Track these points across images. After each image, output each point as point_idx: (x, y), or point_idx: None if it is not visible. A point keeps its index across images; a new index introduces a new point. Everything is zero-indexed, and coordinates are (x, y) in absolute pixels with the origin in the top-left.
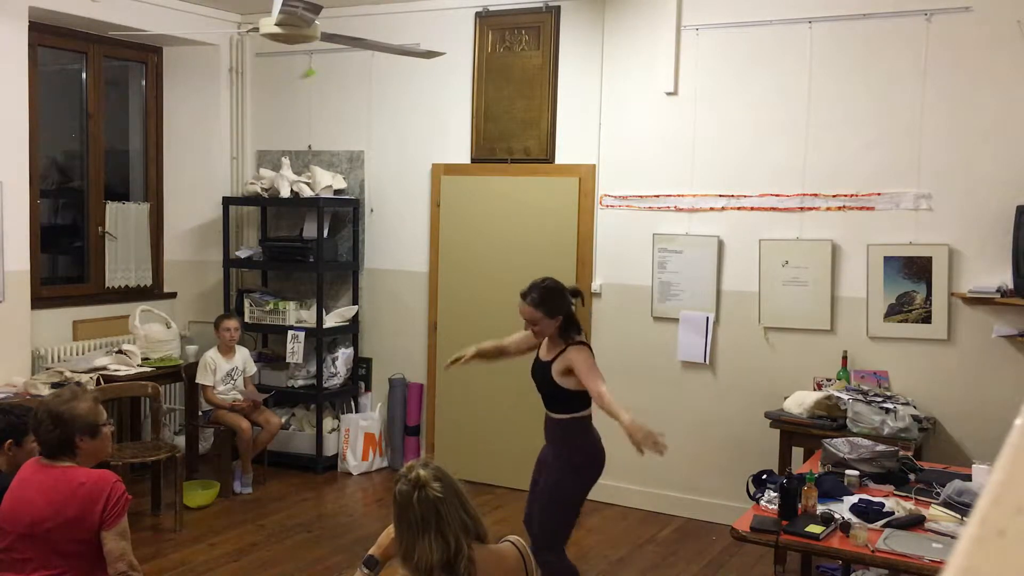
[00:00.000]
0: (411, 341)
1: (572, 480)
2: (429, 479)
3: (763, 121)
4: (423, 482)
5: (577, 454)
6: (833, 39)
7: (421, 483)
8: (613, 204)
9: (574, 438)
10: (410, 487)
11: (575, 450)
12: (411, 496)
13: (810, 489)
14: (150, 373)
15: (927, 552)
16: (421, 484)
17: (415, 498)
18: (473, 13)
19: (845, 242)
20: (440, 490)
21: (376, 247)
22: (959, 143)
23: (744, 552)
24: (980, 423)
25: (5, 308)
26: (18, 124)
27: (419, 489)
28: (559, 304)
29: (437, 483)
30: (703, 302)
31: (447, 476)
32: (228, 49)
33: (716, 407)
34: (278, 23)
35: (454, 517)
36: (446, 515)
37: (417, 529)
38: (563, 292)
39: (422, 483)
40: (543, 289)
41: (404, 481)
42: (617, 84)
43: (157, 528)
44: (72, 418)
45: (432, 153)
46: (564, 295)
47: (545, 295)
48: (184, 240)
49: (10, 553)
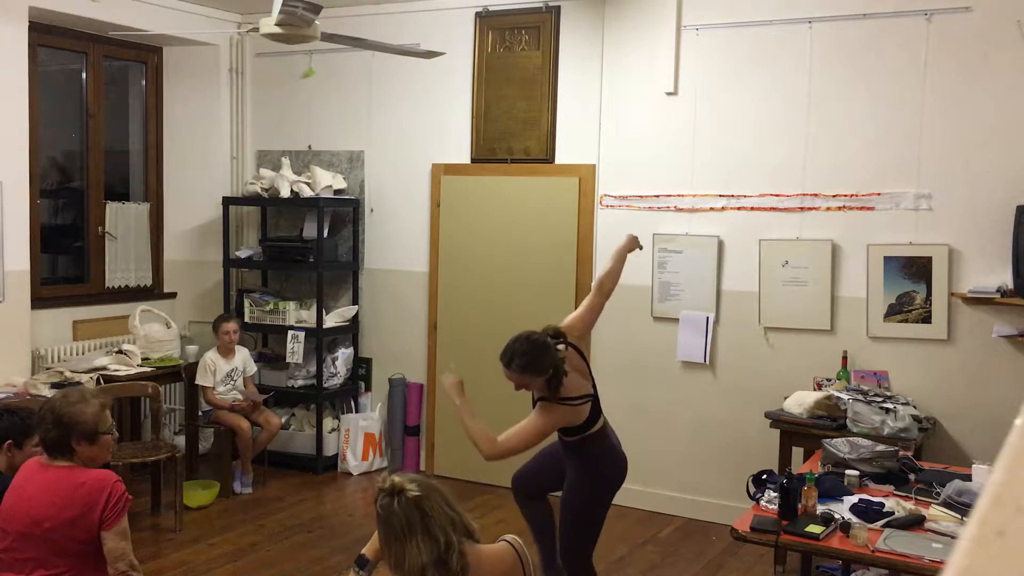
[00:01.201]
0: (411, 341)
1: (590, 490)
2: (405, 482)
3: (763, 121)
4: (399, 487)
5: (594, 466)
6: (833, 39)
7: (398, 489)
8: (613, 204)
9: (588, 455)
10: (388, 496)
11: (591, 463)
12: (391, 504)
13: (810, 489)
14: (150, 373)
15: (927, 552)
16: (398, 490)
17: (396, 504)
18: (473, 13)
19: (845, 242)
20: (418, 489)
21: (376, 247)
22: (959, 143)
23: (744, 552)
24: (980, 423)
25: (5, 308)
26: (18, 124)
27: (398, 495)
28: (545, 362)
29: (413, 484)
30: (703, 302)
31: (423, 479)
32: (228, 49)
33: (716, 407)
34: (278, 23)
35: (439, 513)
36: (430, 512)
37: (404, 535)
38: (546, 347)
39: (398, 488)
40: (525, 355)
41: (382, 494)
42: (617, 84)
43: (157, 528)
44: (73, 422)
45: (432, 153)
46: (548, 350)
47: (529, 361)
48: (184, 240)
49: (11, 552)
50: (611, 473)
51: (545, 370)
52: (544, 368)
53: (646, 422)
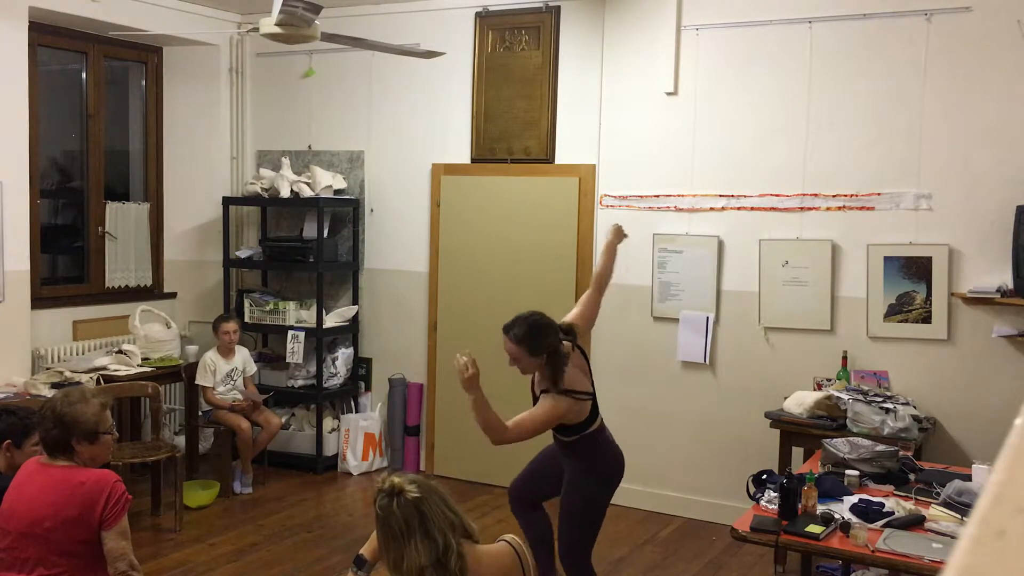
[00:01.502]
0: (411, 341)
1: (589, 490)
2: (404, 483)
3: (763, 121)
4: (398, 488)
5: (592, 465)
6: (833, 39)
7: (397, 489)
8: (613, 204)
9: (586, 454)
10: (387, 496)
11: (590, 462)
12: (390, 504)
13: (810, 489)
14: (150, 373)
15: (927, 552)
16: (397, 490)
17: (394, 505)
18: (473, 13)
19: (845, 242)
20: (417, 491)
21: (376, 247)
22: (959, 143)
23: (744, 552)
24: (980, 423)
25: (5, 308)
26: (18, 124)
27: (396, 496)
28: (543, 342)
29: (412, 485)
30: (703, 302)
31: (423, 479)
32: (228, 49)
33: (716, 407)
34: (278, 23)
35: (437, 514)
36: (429, 513)
37: (403, 536)
38: (549, 329)
39: (398, 489)
40: (527, 326)
41: (381, 494)
42: (617, 84)
43: (157, 528)
44: (73, 421)
45: (432, 153)
46: (550, 333)
47: (527, 333)
48: (184, 240)
49: (11, 552)
50: (609, 471)
51: (540, 351)
52: (539, 348)
53: (646, 422)
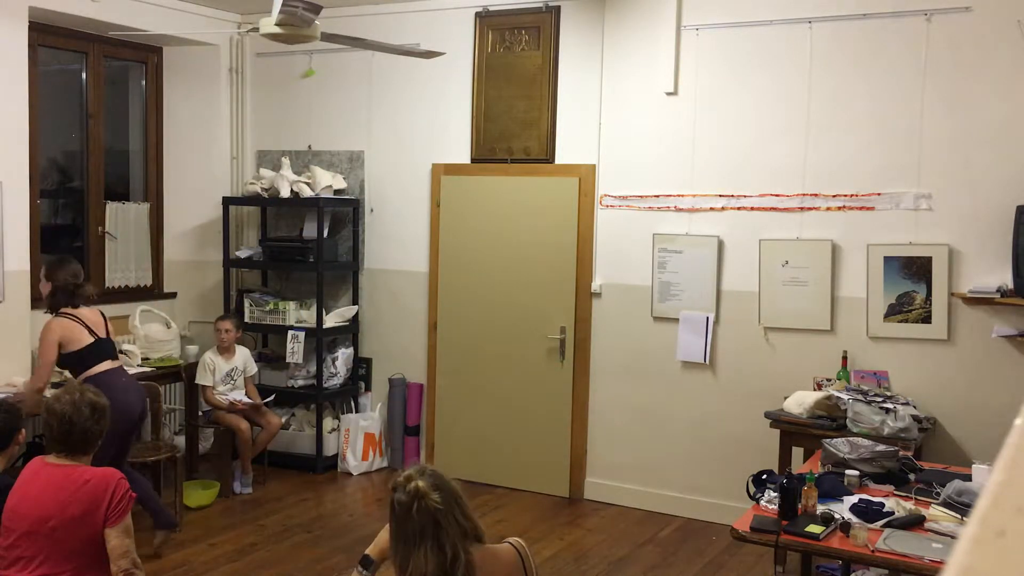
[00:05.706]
0: (411, 341)
1: None
2: (428, 490)
3: (763, 121)
4: (422, 493)
5: None
6: (833, 39)
7: (420, 494)
8: (613, 204)
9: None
10: (409, 498)
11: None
12: (410, 507)
13: (810, 489)
14: (150, 373)
15: (927, 552)
16: (420, 495)
17: (414, 509)
18: (473, 13)
19: (845, 242)
20: (440, 501)
21: (376, 247)
22: (959, 143)
23: (744, 552)
24: (980, 423)
25: (5, 308)
26: (18, 124)
27: (418, 500)
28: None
29: (436, 493)
30: (703, 302)
31: (445, 483)
32: (228, 49)
33: (716, 407)
34: (278, 23)
35: (452, 525)
36: (445, 524)
37: (414, 540)
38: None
39: (421, 494)
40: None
41: (402, 492)
42: (617, 84)
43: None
44: (75, 421)
45: (432, 153)
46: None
47: None
48: (184, 240)
49: (15, 550)
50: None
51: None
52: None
53: (646, 422)
